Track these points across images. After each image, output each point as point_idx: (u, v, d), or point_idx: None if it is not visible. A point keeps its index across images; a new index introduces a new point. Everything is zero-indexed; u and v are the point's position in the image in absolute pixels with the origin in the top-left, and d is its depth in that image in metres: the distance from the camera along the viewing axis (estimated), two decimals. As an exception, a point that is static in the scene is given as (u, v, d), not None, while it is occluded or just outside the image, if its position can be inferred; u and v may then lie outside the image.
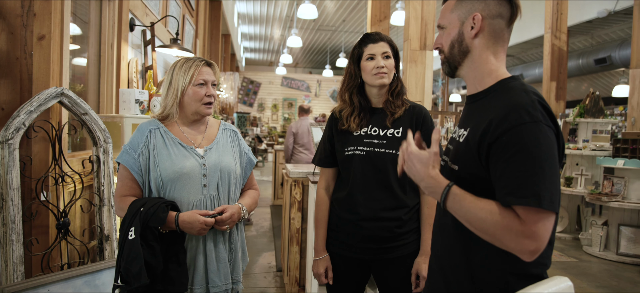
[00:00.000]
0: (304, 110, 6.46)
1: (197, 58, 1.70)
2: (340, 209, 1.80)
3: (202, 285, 1.63)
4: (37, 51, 2.12)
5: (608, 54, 9.95)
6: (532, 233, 1.00)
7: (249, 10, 12.07)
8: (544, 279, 1.16)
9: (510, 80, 1.19)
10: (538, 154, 1.02)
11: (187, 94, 1.66)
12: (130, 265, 1.42)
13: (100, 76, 3.00)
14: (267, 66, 19.91)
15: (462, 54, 1.22)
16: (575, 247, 5.63)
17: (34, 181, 2.09)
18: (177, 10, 4.86)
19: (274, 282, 3.88)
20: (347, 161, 1.77)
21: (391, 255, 1.75)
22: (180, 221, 1.54)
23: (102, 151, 2.30)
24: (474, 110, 1.22)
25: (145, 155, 1.61)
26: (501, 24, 1.18)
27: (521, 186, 1.01)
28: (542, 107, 1.08)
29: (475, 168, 1.13)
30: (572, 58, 10.90)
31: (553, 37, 7.47)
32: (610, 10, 8.06)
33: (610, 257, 5.12)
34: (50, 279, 2.01)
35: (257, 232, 5.68)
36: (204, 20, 7.10)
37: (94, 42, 2.98)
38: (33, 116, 2.01)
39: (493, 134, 1.07)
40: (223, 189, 1.69)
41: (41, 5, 2.11)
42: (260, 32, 14.46)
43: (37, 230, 2.14)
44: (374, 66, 1.73)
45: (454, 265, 1.22)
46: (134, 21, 3.35)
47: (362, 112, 1.80)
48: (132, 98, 2.59)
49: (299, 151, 6.02)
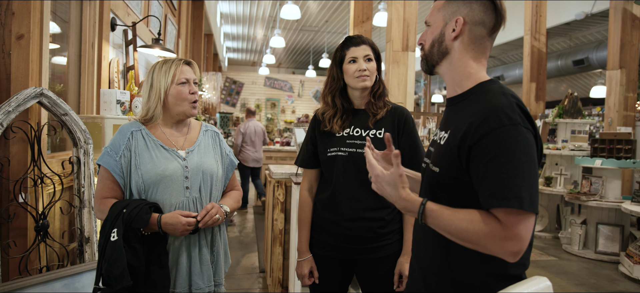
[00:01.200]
0: (251, 112, 7.46)
1: (176, 58, 1.69)
2: (323, 210, 1.81)
3: (185, 287, 1.62)
4: (15, 50, 2.08)
5: (586, 55, 10.16)
6: (514, 235, 1.01)
7: (232, 10, 12.00)
8: (523, 279, 1.18)
9: (489, 83, 1.20)
10: (518, 156, 1.03)
11: (171, 94, 1.65)
12: (112, 267, 1.40)
13: (80, 76, 2.95)
14: (250, 66, 19.81)
15: (440, 54, 1.24)
16: (555, 246, 5.74)
17: (12, 182, 2.04)
18: (159, 9, 4.81)
19: (257, 283, 3.87)
20: (330, 162, 1.78)
21: (374, 255, 1.76)
22: (162, 223, 1.53)
23: (82, 152, 2.27)
24: (454, 113, 1.23)
25: (126, 157, 1.60)
26: (482, 32, 1.19)
27: (502, 188, 1.02)
28: (521, 110, 1.10)
29: (455, 170, 1.14)
30: (551, 59, 11.10)
31: (532, 39, 7.61)
32: (587, 12, 8.22)
33: (589, 255, 5.24)
34: (29, 282, 1.97)
35: (240, 233, 5.66)
36: (187, 20, 7.04)
37: (74, 41, 2.93)
38: (11, 117, 1.97)
39: (473, 137, 1.08)
40: (205, 191, 1.69)
41: (20, 4, 2.07)
42: (243, 32, 14.38)
43: (15, 232, 2.10)
44: (356, 69, 1.75)
45: (435, 267, 1.23)
46: (116, 21, 3.31)
47: (344, 114, 1.81)
48: (113, 99, 2.56)
49: (246, 149, 7.10)
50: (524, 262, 1.17)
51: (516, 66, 12.27)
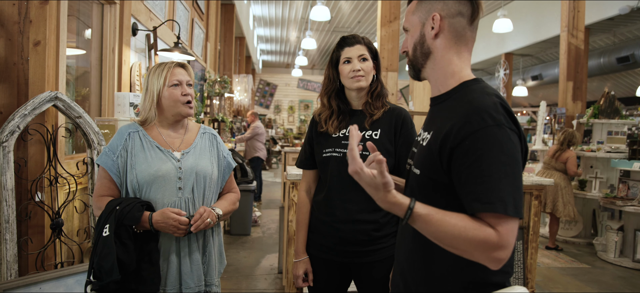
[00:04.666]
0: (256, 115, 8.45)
1: (169, 61, 1.74)
2: (318, 211, 1.81)
3: (175, 286, 1.66)
4: (33, 56, 2.19)
5: (631, 52, 9.66)
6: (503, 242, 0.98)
7: (265, 12, 12.15)
8: (505, 287, 1.14)
9: (472, 82, 1.16)
10: (501, 158, 1.00)
11: (164, 96, 1.70)
12: (102, 261, 1.46)
13: (101, 80, 3.07)
14: (283, 68, 20.00)
15: (424, 55, 1.21)
16: (590, 253, 5.48)
17: (30, 182, 2.15)
18: (185, 13, 4.93)
19: (273, 284, 3.90)
20: (325, 163, 1.78)
21: (369, 258, 1.74)
22: (153, 220, 1.59)
23: (95, 153, 2.36)
24: (437, 113, 1.20)
25: (123, 157, 1.66)
26: (462, 22, 1.16)
27: (486, 192, 0.99)
28: (505, 110, 1.06)
29: (436, 172, 1.11)
30: (592, 57, 10.61)
31: (569, 36, 7.31)
32: (632, 6, 7.80)
33: (625, 264, 4.97)
34: (43, 278, 2.06)
35: (264, 234, 5.71)
36: (216, 23, 7.18)
37: (95, 46, 3.05)
38: (28, 120, 2.07)
39: (455, 138, 1.05)
40: (198, 192, 1.73)
41: (37, 12, 2.18)
42: (276, 34, 14.54)
43: (32, 229, 2.21)
44: (351, 69, 1.73)
45: (414, 272, 1.21)
46: (137, 25, 3.42)
47: (341, 115, 1.80)
48: (126, 101, 2.65)
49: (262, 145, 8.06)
50: (507, 269, 1.13)
51: (555, 65, 11.82)
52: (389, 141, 1.74)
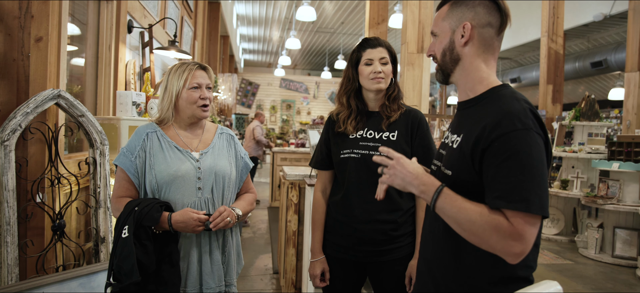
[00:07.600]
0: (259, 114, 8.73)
1: (191, 62, 1.72)
2: (336, 212, 1.82)
3: (196, 286, 1.65)
4: (34, 52, 2.12)
5: (604, 57, 10.00)
6: (519, 235, 1.03)
7: (248, 11, 12.08)
8: (530, 281, 1.20)
9: (501, 88, 1.22)
10: (528, 160, 1.05)
11: (182, 97, 1.68)
12: (122, 263, 1.44)
13: (97, 78, 3.00)
14: (265, 67, 19.91)
15: (453, 61, 1.25)
16: (571, 250, 5.65)
17: (30, 182, 2.09)
18: (175, 11, 4.87)
19: (270, 285, 3.88)
20: (343, 163, 1.79)
21: (386, 257, 1.76)
22: (173, 221, 1.56)
23: (98, 153, 2.31)
24: (466, 117, 1.24)
25: (141, 158, 1.64)
26: (491, 32, 1.21)
27: (511, 191, 1.04)
28: (533, 115, 1.12)
29: (468, 173, 1.16)
30: (568, 61, 10.94)
31: (549, 41, 7.51)
32: (606, 14, 8.08)
33: (605, 259, 5.16)
34: (45, 281, 2.01)
35: (254, 234, 5.68)
36: (203, 21, 7.11)
37: (91, 43, 2.98)
38: (29, 118, 2.01)
39: (487, 140, 1.10)
40: (217, 192, 1.71)
41: (39, 7, 2.12)
42: (259, 33, 14.47)
43: (32, 231, 2.14)
44: (372, 70, 1.75)
45: (443, 269, 1.25)
46: (132, 23, 3.36)
47: (358, 115, 1.82)
48: (129, 100, 2.60)
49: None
50: (530, 264, 1.19)
51: (533, 68, 12.13)
52: (405, 143, 1.76)
